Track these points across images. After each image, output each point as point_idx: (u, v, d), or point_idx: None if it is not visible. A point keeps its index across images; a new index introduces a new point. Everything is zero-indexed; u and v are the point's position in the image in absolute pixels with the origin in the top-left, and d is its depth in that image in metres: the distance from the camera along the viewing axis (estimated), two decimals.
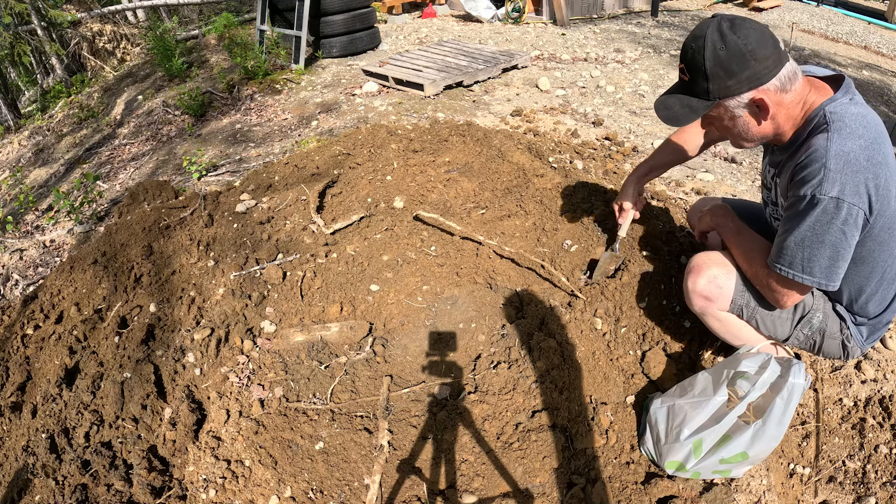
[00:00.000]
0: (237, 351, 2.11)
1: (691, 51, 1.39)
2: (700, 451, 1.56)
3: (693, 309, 1.76)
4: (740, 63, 1.35)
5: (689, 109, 1.46)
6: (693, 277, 1.71)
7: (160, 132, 5.09)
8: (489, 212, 2.66)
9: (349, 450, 1.82)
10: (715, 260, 1.71)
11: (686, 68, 1.43)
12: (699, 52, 1.37)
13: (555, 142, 3.69)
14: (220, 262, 2.47)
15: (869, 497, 1.63)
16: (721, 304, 1.68)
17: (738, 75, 1.36)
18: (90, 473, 1.79)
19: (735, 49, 1.34)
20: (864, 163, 1.32)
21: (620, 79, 5.20)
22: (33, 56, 8.69)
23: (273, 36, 5.88)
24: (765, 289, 1.57)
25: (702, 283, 1.68)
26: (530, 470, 1.71)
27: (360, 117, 4.51)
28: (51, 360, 2.17)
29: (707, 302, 1.69)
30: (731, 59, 1.35)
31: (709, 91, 1.41)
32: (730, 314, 1.70)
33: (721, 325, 1.74)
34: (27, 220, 3.98)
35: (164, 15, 10.69)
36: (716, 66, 1.36)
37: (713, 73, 1.37)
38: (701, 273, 1.69)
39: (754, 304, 1.66)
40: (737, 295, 1.66)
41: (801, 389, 1.44)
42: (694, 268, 1.72)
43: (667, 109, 1.50)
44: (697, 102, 1.44)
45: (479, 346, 2.14)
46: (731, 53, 1.35)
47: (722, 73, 1.37)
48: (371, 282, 2.39)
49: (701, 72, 1.39)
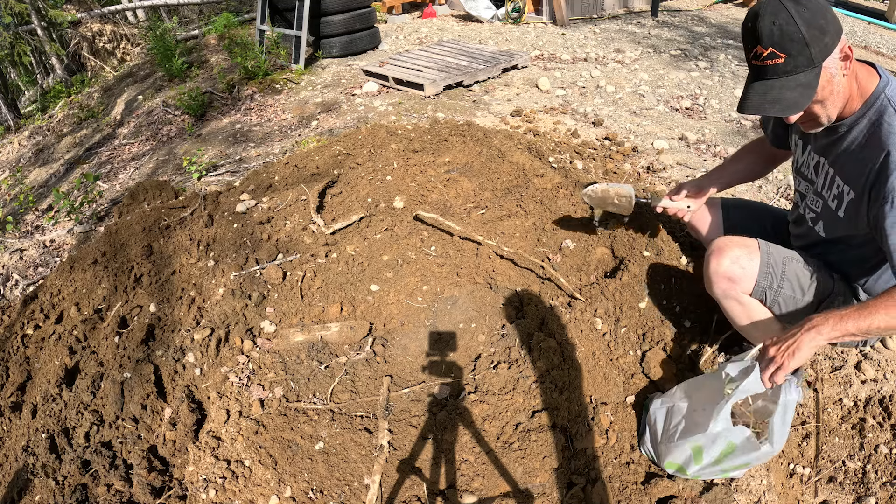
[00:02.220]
0: (237, 351, 2.11)
1: (776, 27, 1.31)
2: (701, 459, 1.56)
3: (715, 292, 1.72)
4: (825, 17, 1.32)
5: (802, 87, 1.35)
6: (716, 258, 1.67)
7: (160, 132, 5.09)
8: (489, 212, 2.66)
9: (349, 450, 1.82)
10: (737, 242, 1.68)
11: (777, 48, 1.33)
12: (789, 23, 1.30)
13: (555, 142, 3.69)
14: (220, 262, 2.47)
15: (869, 497, 1.63)
16: (745, 286, 1.66)
17: (827, 30, 1.32)
18: (90, 473, 1.79)
19: (814, 6, 1.31)
20: None
21: (620, 79, 5.20)
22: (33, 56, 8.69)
23: (273, 36, 5.88)
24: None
25: (726, 264, 1.65)
26: (530, 470, 1.71)
27: (360, 117, 4.51)
28: (51, 360, 2.17)
29: (731, 284, 1.66)
30: (817, 15, 1.31)
31: (812, 57, 1.32)
32: (753, 299, 1.68)
33: (743, 309, 1.70)
34: (27, 220, 3.98)
35: (164, 15, 10.70)
36: (811, 29, 1.30)
37: (811, 37, 1.31)
38: (724, 254, 1.66)
39: (776, 286, 1.63)
40: (760, 276, 1.63)
41: (794, 405, 1.46)
42: (716, 249, 1.69)
43: (777, 102, 1.37)
44: (805, 76, 1.34)
45: (479, 346, 2.14)
46: (814, 11, 1.31)
47: (818, 33, 1.31)
48: (371, 282, 2.39)
49: (800, 41, 1.31)
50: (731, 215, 2.05)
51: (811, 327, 1.34)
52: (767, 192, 3.23)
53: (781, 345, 1.37)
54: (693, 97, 4.78)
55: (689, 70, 5.42)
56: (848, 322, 1.32)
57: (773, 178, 3.36)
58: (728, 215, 2.05)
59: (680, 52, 5.98)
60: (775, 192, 3.21)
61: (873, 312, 1.31)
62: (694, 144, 3.89)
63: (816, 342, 1.33)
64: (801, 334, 1.34)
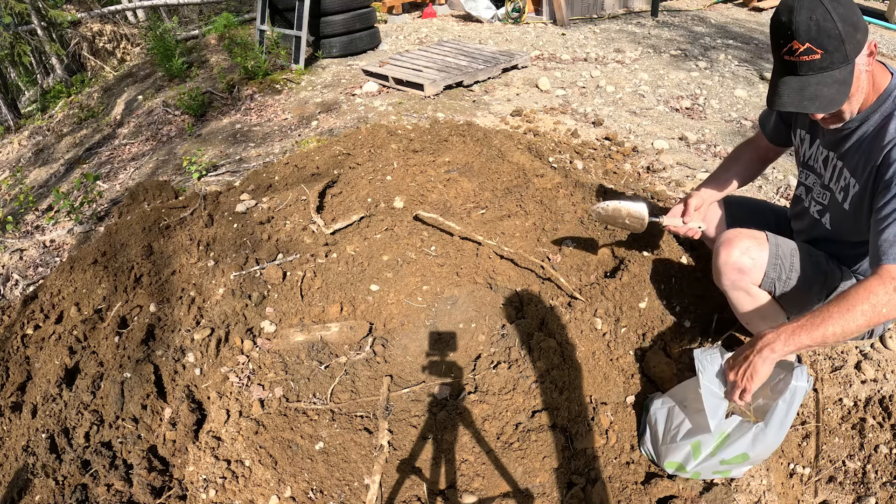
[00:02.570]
0: (237, 351, 2.11)
1: (813, 23, 1.30)
2: (699, 453, 1.56)
3: (724, 283, 1.71)
4: (855, 12, 1.32)
5: (839, 84, 1.34)
6: (726, 249, 1.67)
7: (160, 132, 5.09)
8: (489, 212, 2.66)
9: (349, 450, 1.82)
10: (746, 233, 1.68)
11: (814, 44, 1.32)
12: (825, 19, 1.29)
13: (555, 142, 3.69)
14: (220, 262, 2.47)
15: (869, 497, 1.63)
16: (754, 277, 1.66)
17: (859, 26, 1.33)
18: (90, 473, 1.79)
19: (847, 2, 1.31)
20: None
21: (620, 79, 5.20)
22: (33, 56, 8.70)
23: (273, 36, 5.88)
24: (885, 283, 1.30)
25: (736, 255, 1.65)
26: (530, 470, 1.71)
27: (360, 117, 4.51)
28: (51, 360, 2.17)
29: (740, 275, 1.66)
30: (850, 12, 1.31)
31: (847, 54, 1.32)
32: (762, 290, 1.68)
33: (752, 300, 1.71)
34: (27, 220, 3.98)
35: (164, 15, 10.70)
36: (846, 25, 1.30)
37: (846, 33, 1.30)
38: (733, 245, 1.66)
39: (785, 276, 1.64)
40: (770, 267, 1.64)
41: (803, 392, 1.44)
42: (725, 241, 1.69)
43: (815, 99, 1.36)
44: (840, 72, 1.34)
45: (479, 346, 2.14)
46: (847, 7, 1.31)
47: (851, 30, 1.31)
48: (371, 282, 2.39)
49: (836, 37, 1.30)
50: (735, 212, 2.05)
51: (763, 346, 1.33)
52: (767, 192, 3.23)
53: (738, 369, 1.37)
54: (693, 97, 4.78)
55: (690, 70, 5.42)
56: (801, 335, 1.30)
57: (773, 178, 3.36)
58: (731, 212, 2.05)
59: (680, 52, 5.98)
60: (775, 192, 3.21)
61: (826, 321, 1.29)
62: (694, 144, 3.89)
63: (771, 359, 1.33)
64: (753, 356, 1.34)
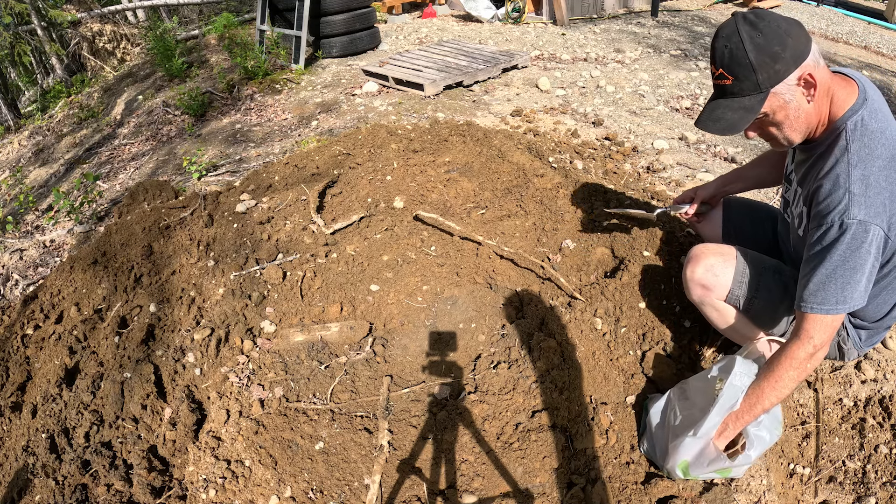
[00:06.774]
0: (237, 351, 2.11)
1: (727, 50, 1.36)
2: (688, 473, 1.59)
3: (692, 298, 1.77)
4: (781, 44, 1.33)
5: (744, 110, 1.40)
6: (691, 266, 1.72)
7: (160, 132, 5.09)
8: (489, 212, 2.66)
9: (349, 450, 1.82)
10: (713, 250, 1.72)
11: (726, 71, 1.38)
12: (738, 48, 1.34)
13: (555, 142, 3.69)
14: (220, 262, 2.47)
15: (869, 497, 1.63)
16: (718, 294, 1.70)
17: (782, 57, 1.34)
18: (90, 473, 1.79)
19: (771, 33, 1.33)
20: (883, 182, 1.35)
21: (620, 79, 5.20)
22: (33, 56, 8.69)
23: (273, 36, 5.88)
24: (804, 344, 1.40)
25: (699, 272, 1.70)
26: (530, 470, 1.71)
27: (360, 117, 4.51)
28: (51, 360, 2.17)
29: (705, 291, 1.71)
30: (771, 42, 1.33)
31: (759, 83, 1.36)
32: (728, 305, 1.72)
33: (719, 315, 1.74)
34: (27, 220, 3.98)
35: (164, 15, 10.69)
36: (760, 55, 1.33)
37: (759, 63, 1.34)
38: (699, 262, 1.71)
39: (750, 295, 1.67)
40: (734, 285, 1.67)
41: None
42: (692, 257, 1.74)
43: (718, 121, 1.43)
44: (749, 100, 1.39)
45: (479, 346, 2.14)
46: (769, 38, 1.33)
47: (768, 60, 1.34)
48: (371, 282, 2.39)
49: (746, 66, 1.35)
50: (733, 216, 2.05)
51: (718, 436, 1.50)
52: (767, 191, 3.23)
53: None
54: (693, 97, 4.78)
55: (690, 70, 5.42)
56: (744, 417, 1.46)
57: None
58: (730, 216, 2.05)
59: (680, 52, 5.99)
60: (775, 192, 3.21)
61: (761, 398, 1.44)
62: (694, 144, 3.89)
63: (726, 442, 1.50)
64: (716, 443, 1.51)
